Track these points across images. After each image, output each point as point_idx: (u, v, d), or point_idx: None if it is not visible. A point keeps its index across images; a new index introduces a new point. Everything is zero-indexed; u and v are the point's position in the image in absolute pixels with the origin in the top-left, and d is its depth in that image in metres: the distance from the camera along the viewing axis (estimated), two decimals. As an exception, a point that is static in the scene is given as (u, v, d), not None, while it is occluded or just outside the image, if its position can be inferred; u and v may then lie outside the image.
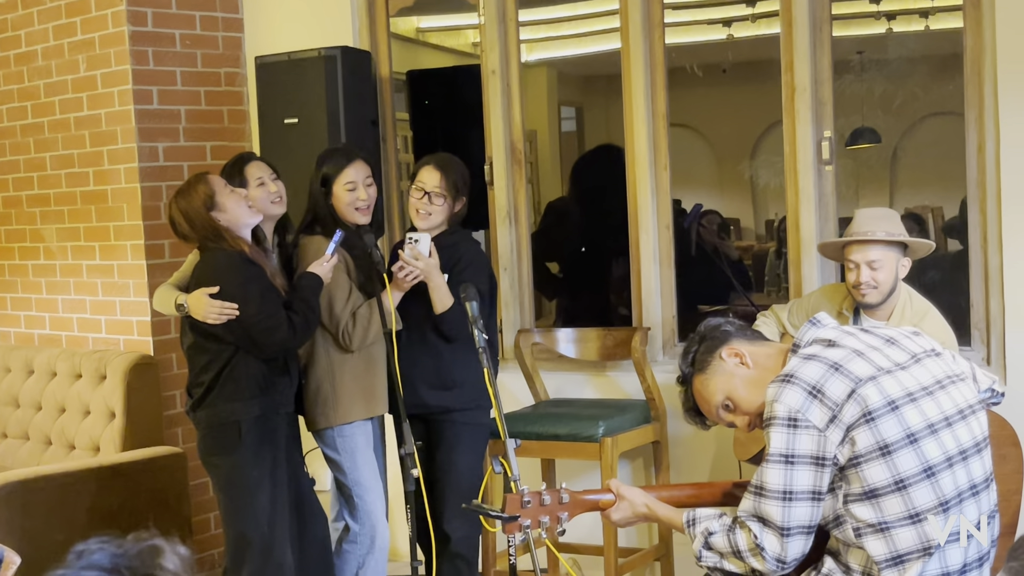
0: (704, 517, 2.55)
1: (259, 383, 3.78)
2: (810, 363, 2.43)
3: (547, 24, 6.63)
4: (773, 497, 2.39)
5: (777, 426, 2.39)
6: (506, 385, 4.76)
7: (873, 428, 2.34)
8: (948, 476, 2.37)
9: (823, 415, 2.36)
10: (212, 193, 3.76)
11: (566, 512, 2.64)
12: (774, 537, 2.40)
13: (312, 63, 4.78)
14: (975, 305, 4.15)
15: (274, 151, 4.76)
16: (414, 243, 3.87)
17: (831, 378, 2.38)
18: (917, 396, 2.40)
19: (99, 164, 5.21)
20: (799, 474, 2.37)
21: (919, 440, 2.36)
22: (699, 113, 6.82)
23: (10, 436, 5.28)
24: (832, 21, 4.35)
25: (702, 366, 2.61)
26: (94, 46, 5.16)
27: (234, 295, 3.70)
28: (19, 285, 5.71)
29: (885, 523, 2.36)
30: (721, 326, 2.65)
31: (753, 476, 2.45)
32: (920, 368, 2.47)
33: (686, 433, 4.61)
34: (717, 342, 2.61)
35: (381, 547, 4.05)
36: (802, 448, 2.36)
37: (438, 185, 3.98)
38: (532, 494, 2.62)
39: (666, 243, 4.67)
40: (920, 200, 6.09)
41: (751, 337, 2.64)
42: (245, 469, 3.78)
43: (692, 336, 2.69)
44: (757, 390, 2.52)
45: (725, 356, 2.58)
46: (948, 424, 2.41)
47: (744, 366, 2.57)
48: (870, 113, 5.98)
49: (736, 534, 2.45)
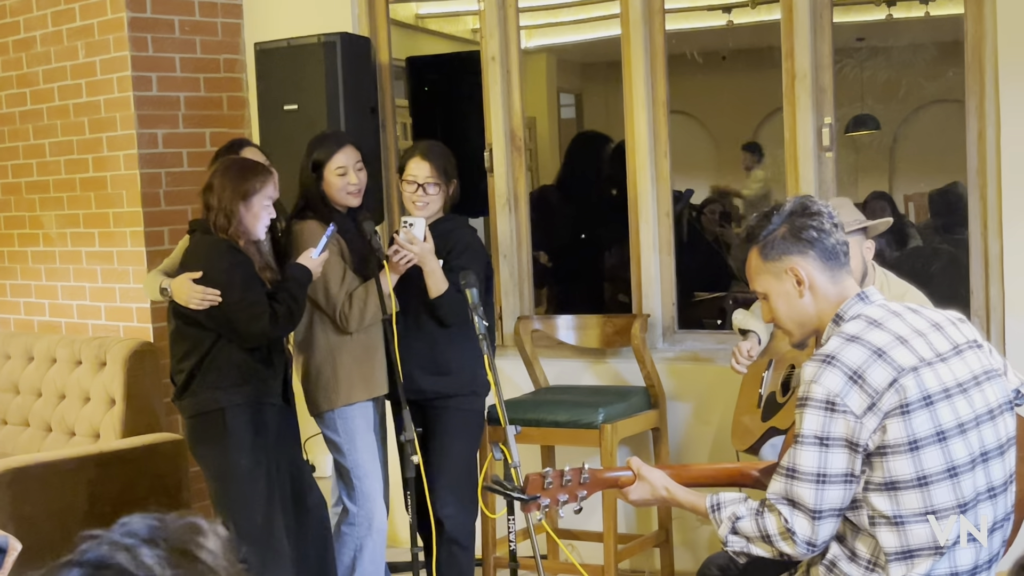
0: (729, 501, 2.48)
1: (242, 372, 3.77)
2: (853, 345, 2.35)
3: (547, 11, 6.62)
4: (806, 479, 2.34)
5: (813, 407, 2.33)
6: (506, 372, 4.77)
7: (907, 421, 2.29)
8: (969, 478, 2.34)
9: (862, 402, 2.30)
10: (259, 191, 3.73)
11: (585, 491, 2.63)
12: (805, 520, 2.35)
13: (311, 49, 4.77)
14: (975, 292, 4.15)
15: (273, 138, 4.76)
16: (409, 227, 3.88)
17: (874, 364, 2.32)
18: (953, 393, 2.36)
19: (98, 151, 5.20)
20: (834, 457, 2.32)
21: (948, 439, 2.32)
22: (699, 100, 6.82)
23: (10, 423, 5.29)
24: (832, 7, 4.34)
25: (766, 251, 2.49)
26: (93, 32, 5.15)
27: (218, 281, 3.69)
28: (19, 272, 5.71)
29: (900, 517, 2.32)
30: (810, 229, 2.45)
31: (783, 457, 2.39)
32: (960, 361, 2.41)
33: (686, 420, 4.62)
34: (794, 246, 2.46)
35: (379, 529, 4.07)
36: (837, 431, 2.31)
37: (429, 175, 3.99)
38: (554, 474, 2.59)
39: (666, 230, 4.67)
40: (919, 187, 6.09)
41: (830, 263, 2.46)
42: (234, 459, 3.76)
43: (781, 209, 2.50)
44: (796, 313, 2.48)
45: (788, 270, 2.47)
46: (977, 425, 2.37)
47: (798, 293, 2.47)
48: (870, 100, 5.98)
49: (765, 518, 2.40)
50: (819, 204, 2.51)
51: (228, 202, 3.72)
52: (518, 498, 2.60)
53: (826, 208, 2.50)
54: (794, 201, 2.52)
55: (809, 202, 2.51)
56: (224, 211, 3.73)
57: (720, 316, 5.75)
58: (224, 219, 3.73)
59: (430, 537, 3.97)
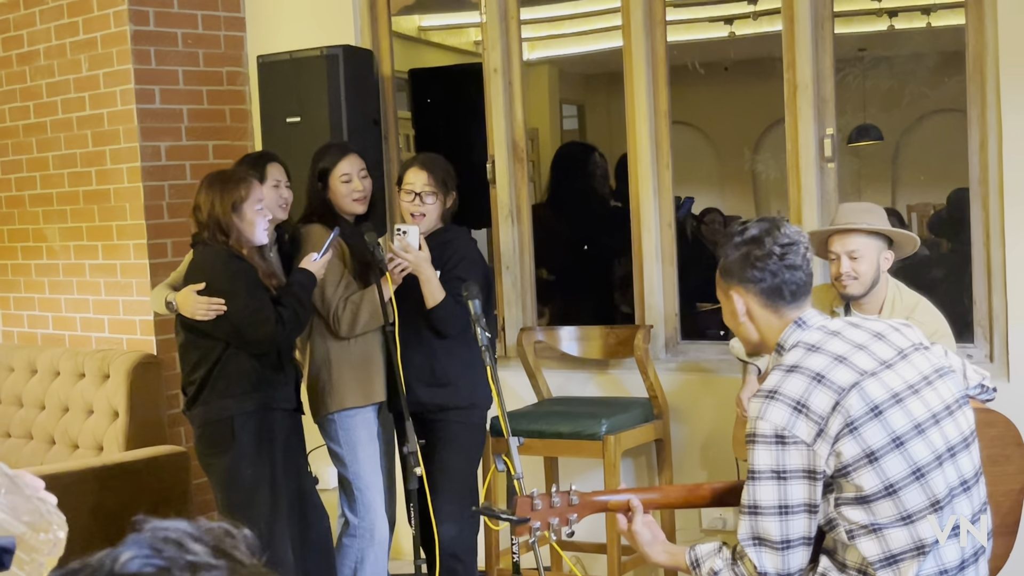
0: (707, 555, 2.49)
1: (251, 379, 3.78)
2: (792, 376, 2.37)
3: (549, 22, 6.63)
4: (769, 513, 2.35)
5: (763, 443, 2.35)
6: (509, 383, 4.76)
7: (857, 437, 2.31)
8: (938, 475, 2.35)
9: (810, 430, 2.32)
10: (246, 199, 3.76)
11: (575, 514, 2.63)
12: (772, 554, 2.37)
13: (314, 62, 4.78)
14: (977, 302, 4.15)
15: (276, 150, 4.75)
16: (402, 235, 3.88)
17: (815, 391, 2.34)
18: (903, 396, 2.37)
19: (101, 163, 5.21)
20: (793, 488, 2.33)
21: (905, 443, 2.33)
22: (701, 111, 6.82)
23: (13, 436, 5.29)
24: (834, 18, 4.35)
25: (721, 270, 2.54)
26: (96, 46, 5.16)
27: (221, 290, 3.71)
28: (22, 285, 5.71)
29: (877, 524, 2.34)
30: (756, 267, 2.47)
31: (744, 496, 2.40)
32: (906, 364, 2.43)
33: (689, 431, 4.61)
34: (739, 276, 2.49)
35: (381, 541, 4.07)
36: (792, 463, 2.33)
37: (426, 184, 4.01)
38: (542, 496, 2.60)
39: (668, 241, 4.67)
40: (922, 198, 6.09)
41: (773, 300, 2.48)
42: (241, 467, 3.78)
43: (745, 232, 2.51)
44: (739, 331, 2.55)
45: (732, 295, 2.51)
46: (936, 421, 2.39)
47: (737, 318, 2.52)
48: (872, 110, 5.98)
49: (739, 567, 2.41)
50: (778, 241, 2.48)
51: (220, 216, 3.74)
52: (508, 520, 2.60)
53: (783, 245, 2.47)
54: (759, 227, 2.51)
55: (768, 236, 2.48)
56: (219, 225, 3.75)
57: (723, 327, 5.73)
58: (222, 233, 3.75)
59: (433, 550, 3.97)
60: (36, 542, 1.39)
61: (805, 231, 2.68)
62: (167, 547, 1.04)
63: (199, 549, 1.04)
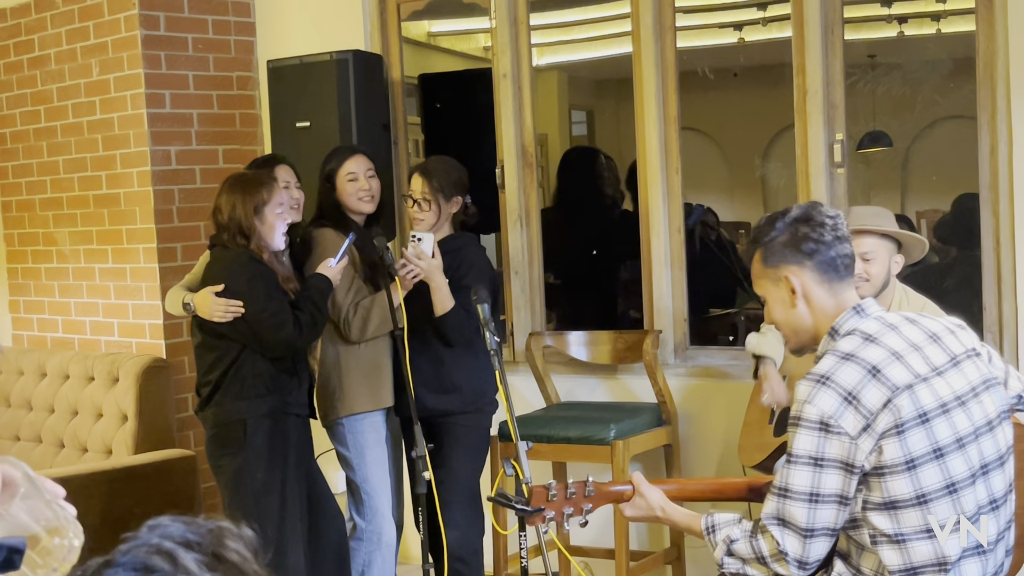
0: (724, 523, 2.46)
1: (266, 382, 3.79)
2: (848, 365, 2.33)
3: (558, 28, 6.63)
4: (799, 499, 2.32)
5: (806, 427, 2.31)
6: (517, 388, 4.76)
7: (902, 440, 2.27)
8: (970, 493, 2.33)
9: (857, 423, 2.28)
10: (268, 202, 3.77)
11: (590, 504, 2.62)
12: (795, 539, 2.34)
13: (324, 67, 4.79)
14: (988, 308, 4.14)
15: (286, 154, 4.77)
16: (417, 242, 3.90)
17: (868, 385, 2.30)
18: (950, 407, 2.33)
19: (112, 168, 5.23)
20: (827, 477, 2.30)
21: (945, 455, 2.30)
22: (710, 117, 6.82)
23: (23, 439, 5.30)
24: (844, 24, 4.35)
25: (766, 256, 2.47)
26: (107, 50, 5.18)
27: (240, 292, 3.72)
28: (32, 288, 5.73)
29: (902, 535, 2.31)
30: (809, 240, 2.42)
31: (776, 477, 2.38)
32: (957, 373, 2.39)
33: (698, 436, 4.60)
34: (792, 256, 2.44)
35: (388, 545, 4.07)
36: (832, 452, 2.29)
37: (422, 190, 4.04)
38: (558, 486, 2.59)
39: (677, 246, 4.67)
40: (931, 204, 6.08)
41: (828, 275, 2.43)
42: (251, 471, 3.79)
43: (787, 215, 2.48)
44: (790, 320, 2.47)
45: (784, 279, 2.45)
46: (976, 438, 2.36)
47: (791, 302, 2.45)
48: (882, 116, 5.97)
49: (758, 540, 2.39)
50: (825, 213, 2.47)
51: (242, 219, 3.75)
52: (523, 510, 2.60)
53: (831, 218, 2.46)
54: (800, 208, 2.50)
55: (815, 211, 2.47)
56: (240, 229, 3.76)
57: (732, 332, 5.73)
58: (243, 236, 3.76)
59: (442, 555, 3.97)
60: (51, 546, 1.39)
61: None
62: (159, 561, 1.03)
63: (192, 560, 1.03)
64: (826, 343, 2.44)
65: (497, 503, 2.68)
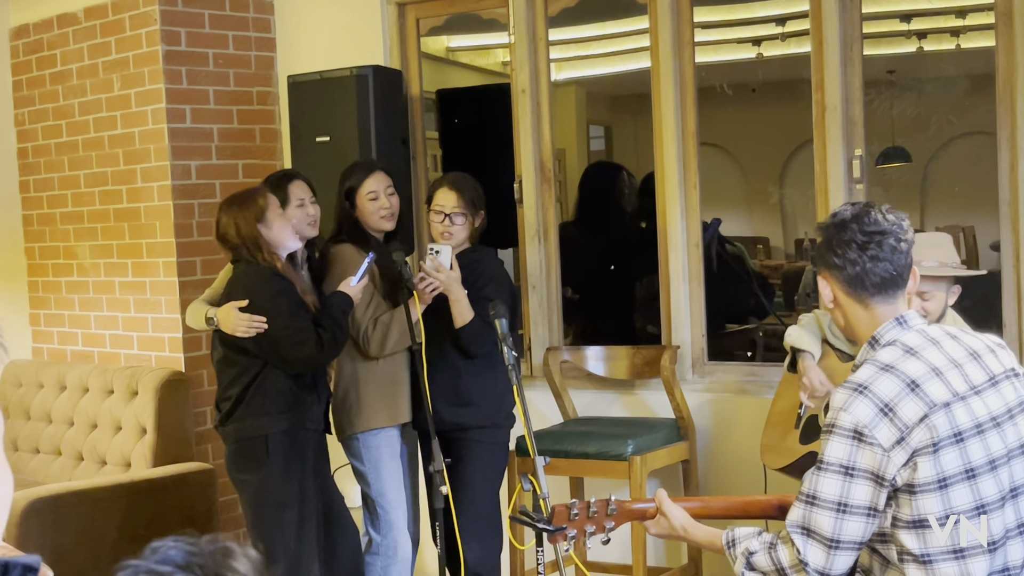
0: (743, 537, 2.45)
1: (287, 398, 3.81)
2: (886, 376, 2.31)
3: (577, 43, 6.65)
4: (826, 507, 2.30)
5: (840, 435, 2.29)
6: (534, 403, 4.76)
7: (936, 459, 2.25)
8: (999, 515, 2.31)
9: (891, 435, 2.26)
10: (266, 208, 3.81)
11: (612, 522, 2.62)
12: (819, 550, 2.31)
13: (343, 82, 4.81)
14: (1007, 325, 4.12)
15: (306, 169, 4.78)
16: (435, 255, 3.90)
17: (906, 398, 2.28)
18: (985, 428, 2.31)
19: (132, 182, 5.26)
20: (857, 488, 2.28)
21: (977, 476, 2.28)
22: (729, 132, 6.82)
23: (42, 451, 5.32)
24: (863, 40, 4.34)
25: (816, 252, 2.51)
26: (128, 65, 5.21)
27: (263, 308, 3.74)
28: (52, 302, 5.76)
29: (928, 555, 2.29)
30: (836, 254, 2.42)
31: (804, 484, 2.36)
32: (995, 393, 2.37)
33: (715, 452, 4.59)
34: (824, 260, 2.44)
35: (403, 559, 4.07)
36: (863, 463, 2.27)
37: (456, 205, 4.03)
38: (580, 505, 2.59)
39: (695, 261, 4.67)
40: (951, 220, 6.07)
41: (855, 290, 2.42)
42: (273, 485, 3.80)
43: (838, 214, 2.46)
44: (835, 318, 2.50)
45: (822, 278, 2.47)
46: (1008, 460, 2.34)
47: (830, 306, 2.47)
48: (901, 133, 5.96)
49: (778, 551, 2.37)
50: (868, 224, 2.42)
51: (246, 232, 3.78)
52: (545, 529, 2.59)
53: (872, 230, 2.41)
54: (850, 211, 2.46)
55: (854, 220, 2.43)
56: (247, 243, 3.78)
57: (751, 348, 5.72)
58: (254, 244, 3.78)
59: (459, 570, 3.96)
60: None
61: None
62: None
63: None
64: (865, 352, 2.43)
65: (518, 521, 2.68)
